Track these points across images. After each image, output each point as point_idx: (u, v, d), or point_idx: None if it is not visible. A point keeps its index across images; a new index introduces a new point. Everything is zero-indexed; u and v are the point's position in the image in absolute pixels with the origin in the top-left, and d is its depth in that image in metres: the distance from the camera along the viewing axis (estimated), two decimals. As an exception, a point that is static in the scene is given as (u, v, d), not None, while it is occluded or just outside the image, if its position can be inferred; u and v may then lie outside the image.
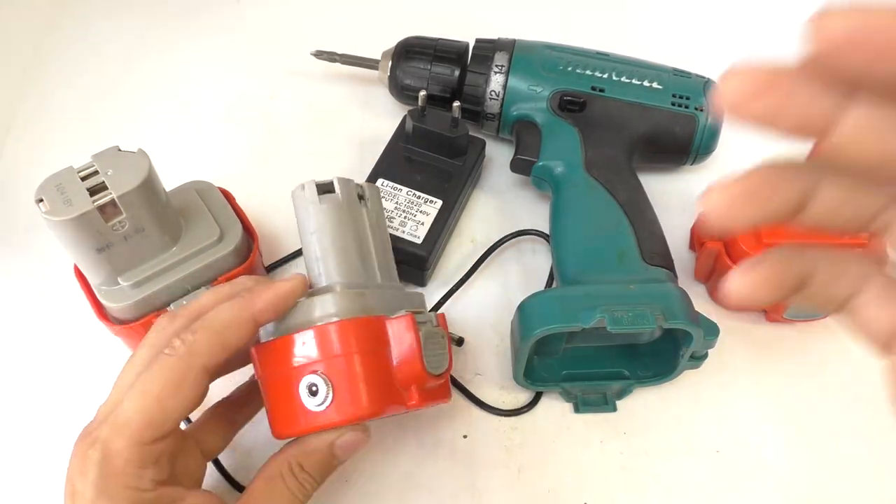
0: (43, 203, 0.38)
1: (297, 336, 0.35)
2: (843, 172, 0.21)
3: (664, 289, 0.43)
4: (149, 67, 0.62)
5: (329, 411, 0.34)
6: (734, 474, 0.45)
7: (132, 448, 0.31)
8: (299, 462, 0.35)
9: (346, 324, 0.35)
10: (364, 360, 0.35)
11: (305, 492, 0.35)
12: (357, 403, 0.35)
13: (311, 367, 0.34)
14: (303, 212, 0.39)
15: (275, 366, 0.36)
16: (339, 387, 0.34)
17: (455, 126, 0.51)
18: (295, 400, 0.35)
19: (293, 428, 0.35)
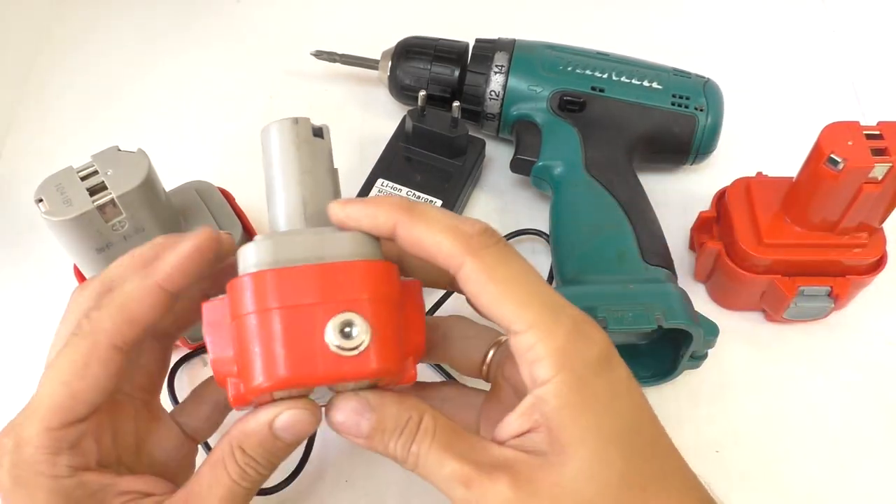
0: (43, 203, 0.38)
1: (328, 266, 0.29)
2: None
3: (664, 289, 0.43)
4: (149, 67, 0.62)
5: (359, 360, 0.29)
6: (734, 474, 0.45)
7: (41, 434, 0.30)
8: (240, 444, 0.31)
9: (384, 265, 0.30)
10: (396, 310, 0.31)
11: (248, 477, 0.31)
12: (389, 359, 0.29)
13: (345, 305, 0.29)
14: (293, 148, 0.33)
15: (290, 296, 0.29)
16: (378, 332, 0.29)
17: (455, 126, 0.51)
18: (315, 341, 0.29)
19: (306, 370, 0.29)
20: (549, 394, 0.29)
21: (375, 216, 0.31)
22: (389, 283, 0.30)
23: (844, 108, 0.61)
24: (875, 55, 0.64)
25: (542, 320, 0.29)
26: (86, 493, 0.31)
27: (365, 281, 0.30)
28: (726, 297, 0.50)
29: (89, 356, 0.30)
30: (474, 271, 0.29)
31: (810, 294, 0.47)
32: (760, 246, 0.46)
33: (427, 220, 0.30)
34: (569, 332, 0.29)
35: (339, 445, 0.45)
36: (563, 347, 0.29)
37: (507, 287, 0.29)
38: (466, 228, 0.30)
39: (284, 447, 0.32)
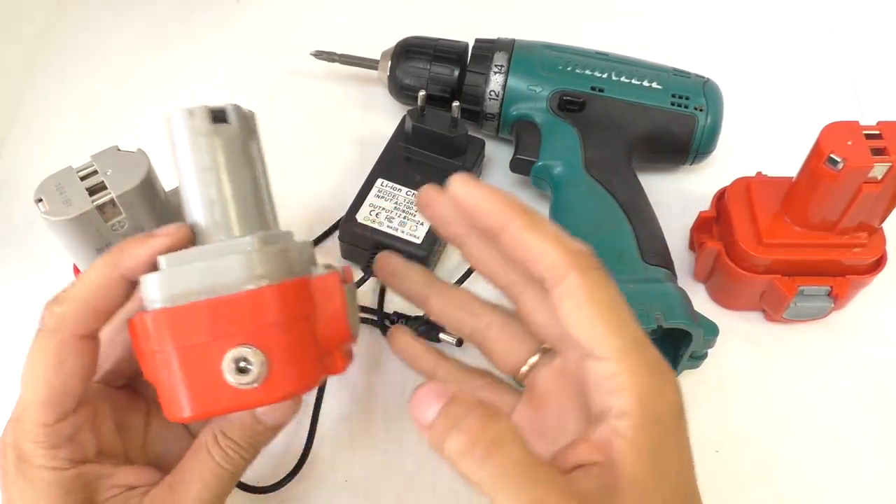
0: (42, 203, 0.38)
1: (218, 301, 0.29)
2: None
3: (664, 288, 0.43)
4: (148, 67, 0.62)
5: (262, 389, 0.29)
6: (734, 474, 0.45)
7: (37, 430, 0.31)
8: (222, 429, 0.33)
9: (282, 288, 0.29)
10: (300, 327, 0.30)
11: (231, 460, 0.32)
12: (294, 379, 0.29)
13: (238, 338, 0.29)
14: (189, 144, 0.31)
15: (184, 336, 0.29)
16: (275, 362, 0.29)
17: (454, 126, 0.51)
18: (214, 377, 0.28)
19: (211, 408, 0.29)
20: (626, 428, 0.28)
21: (492, 207, 0.30)
22: (284, 304, 0.29)
23: (844, 108, 0.61)
24: (875, 55, 0.64)
25: (629, 352, 0.28)
26: (82, 484, 0.32)
27: (256, 311, 0.29)
28: (726, 297, 0.50)
29: (60, 352, 0.31)
30: (576, 287, 0.29)
31: (810, 294, 0.47)
32: (760, 246, 0.46)
33: (541, 227, 0.30)
34: (653, 372, 0.29)
35: (339, 445, 0.45)
36: (646, 384, 0.28)
37: (602, 310, 0.29)
38: (575, 246, 0.30)
39: (265, 431, 0.33)
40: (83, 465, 0.32)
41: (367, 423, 0.46)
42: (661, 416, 0.29)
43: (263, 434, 0.33)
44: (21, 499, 0.32)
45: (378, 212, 0.49)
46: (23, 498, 0.32)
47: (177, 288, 0.29)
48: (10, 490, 0.32)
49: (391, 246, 0.48)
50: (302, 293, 0.31)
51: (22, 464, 0.31)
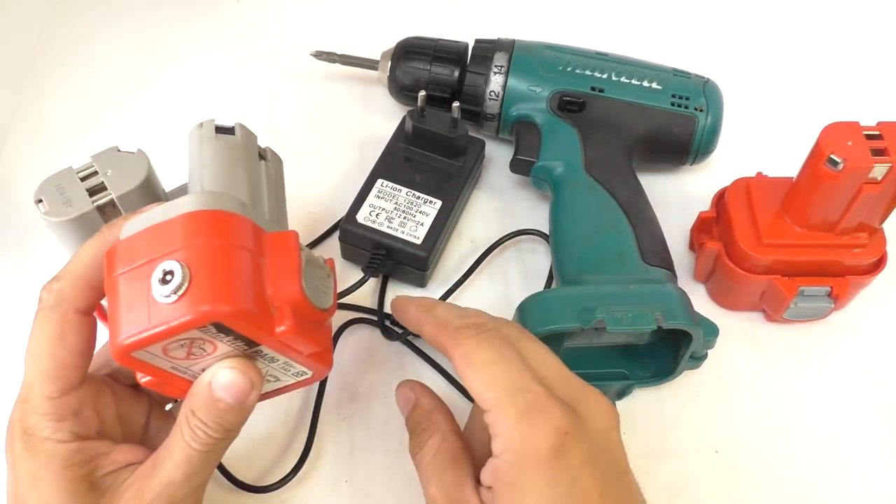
0: (42, 203, 0.38)
1: (157, 226, 0.31)
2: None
3: (664, 289, 0.43)
4: (149, 67, 0.62)
5: (181, 303, 0.29)
6: (734, 474, 0.45)
7: (44, 403, 0.33)
8: (191, 408, 0.32)
9: (217, 213, 0.31)
10: (232, 252, 0.31)
11: (198, 439, 0.32)
12: (215, 294, 0.29)
13: (168, 255, 0.30)
14: (195, 148, 0.36)
15: (128, 260, 0.31)
16: (198, 275, 0.29)
17: (455, 127, 0.51)
18: (146, 295, 0.29)
19: (134, 327, 0.29)
20: (497, 467, 0.33)
21: (408, 316, 0.39)
22: (220, 229, 0.31)
23: (844, 108, 0.61)
24: (875, 55, 0.64)
25: (501, 401, 0.33)
26: (84, 458, 0.33)
27: (186, 230, 0.30)
28: (726, 298, 0.50)
29: (62, 326, 0.33)
30: (455, 358, 0.35)
31: (810, 294, 0.47)
32: (760, 246, 0.46)
33: (432, 317, 0.37)
34: (520, 416, 0.32)
35: (340, 445, 0.45)
36: (511, 429, 0.32)
37: (477, 369, 0.34)
38: (456, 322, 0.36)
39: (228, 409, 0.32)
40: (86, 441, 0.33)
41: (367, 423, 0.46)
42: (525, 457, 0.32)
43: (227, 413, 0.32)
44: (25, 472, 0.33)
45: (378, 212, 0.49)
46: (26, 471, 0.33)
47: (136, 227, 0.31)
48: (15, 466, 0.33)
49: (391, 246, 0.48)
50: (242, 227, 0.32)
51: (27, 437, 0.33)
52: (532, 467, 0.32)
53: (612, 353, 0.47)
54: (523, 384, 0.33)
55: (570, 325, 0.41)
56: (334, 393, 0.46)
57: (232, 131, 0.37)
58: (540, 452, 0.32)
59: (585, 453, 0.32)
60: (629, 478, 0.34)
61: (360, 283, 0.48)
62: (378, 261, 0.48)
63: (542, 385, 0.33)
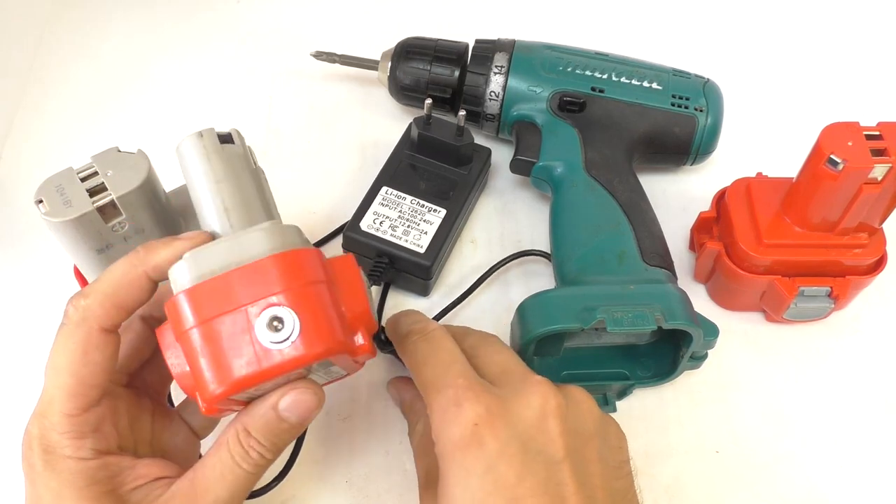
0: (42, 204, 0.38)
1: (243, 270, 0.31)
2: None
3: (664, 289, 0.43)
4: (148, 68, 0.62)
5: (295, 346, 0.30)
6: (734, 474, 0.45)
7: (64, 421, 0.32)
8: (245, 427, 0.33)
9: (298, 253, 0.32)
10: (321, 290, 0.32)
11: (250, 460, 0.33)
12: (322, 335, 0.31)
13: (272, 300, 0.30)
14: (203, 161, 0.35)
15: (214, 307, 0.31)
16: (306, 317, 0.30)
17: (460, 135, 0.51)
18: (248, 340, 0.30)
19: (245, 373, 0.30)
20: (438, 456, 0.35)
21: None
22: (308, 268, 0.32)
23: (844, 108, 0.61)
24: (875, 55, 0.64)
25: (429, 398, 0.36)
26: (108, 475, 0.33)
27: (282, 272, 0.31)
28: (726, 298, 0.50)
29: (86, 343, 0.32)
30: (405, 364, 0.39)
31: (810, 294, 0.47)
32: (760, 246, 0.46)
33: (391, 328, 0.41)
34: (443, 410, 0.35)
35: (340, 446, 0.45)
36: (436, 423, 0.35)
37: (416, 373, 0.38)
38: (404, 329, 0.39)
39: (289, 429, 0.33)
40: (107, 456, 0.33)
41: (367, 423, 0.46)
42: (447, 448, 0.34)
43: (287, 432, 0.33)
44: (47, 490, 0.32)
45: (382, 220, 0.49)
46: (49, 489, 0.32)
47: (203, 269, 0.31)
48: (35, 483, 0.33)
49: (395, 255, 0.48)
50: (317, 262, 0.33)
51: (48, 455, 0.32)
52: (450, 456, 0.34)
53: (613, 353, 0.47)
54: (448, 380, 0.35)
55: (571, 325, 0.41)
56: (335, 394, 0.46)
57: (231, 139, 0.36)
58: (454, 443, 0.34)
59: (502, 442, 0.33)
60: (565, 465, 0.34)
61: None
62: (381, 269, 0.48)
63: (467, 378, 0.35)
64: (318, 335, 0.31)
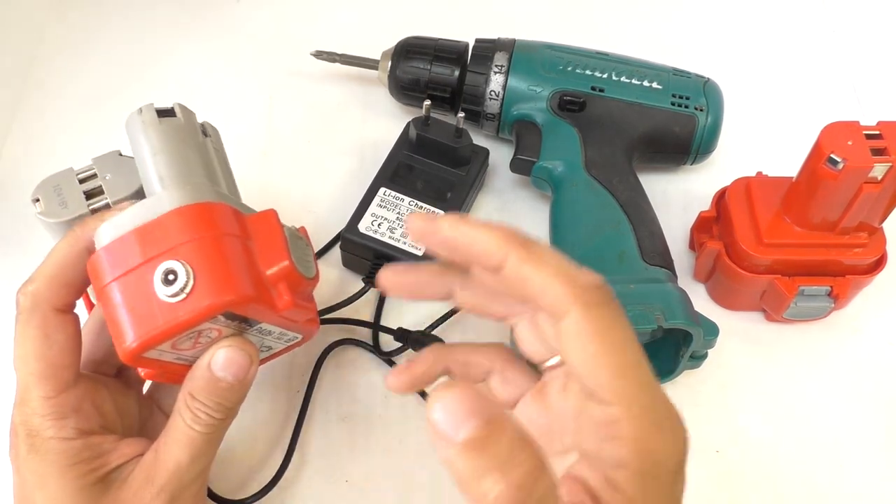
0: (39, 203, 0.38)
1: (145, 227, 0.31)
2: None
3: (664, 289, 0.43)
4: (148, 67, 0.62)
5: (190, 300, 0.30)
6: (734, 474, 0.45)
7: (43, 404, 0.33)
8: (189, 391, 0.33)
9: (203, 206, 0.32)
10: (225, 242, 0.32)
11: (201, 421, 0.33)
12: (220, 286, 0.31)
13: (166, 255, 0.31)
14: (141, 136, 0.35)
15: (120, 264, 0.31)
16: (200, 271, 0.30)
17: (459, 136, 0.51)
18: (150, 296, 0.30)
19: (145, 327, 0.30)
20: (624, 481, 0.27)
21: (488, 242, 0.29)
22: (210, 221, 0.32)
23: (844, 108, 0.61)
24: (875, 55, 0.64)
25: (633, 399, 0.27)
26: (92, 454, 0.33)
27: (179, 227, 0.31)
28: (726, 297, 0.50)
29: (44, 326, 0.33)
30: (579, 323, 0.27)
31: (810, 294, 0.47)
32: (760, 246, 0.46)
33: (542, 259, 0.28)
34: (658, 423, 0.27)
35: (340, 446, 0.45)
36: (649, 436, 0.27)
37: (608, 351, 0.27)
38: (582, 279, 0.28)
39: (229, 387, 0.33)
40: (90, 437, 0.34)
41: (367, 423, 0.46)
42: (661, 472, 0.27)
43: (227, 391, 0.33)
44: (32, 473, 0.33)
45: (380, 222, 0.49)
46: (34, 472, 0.33)
47: (117, 229, 0.32)
48: (21, 469, 0.33)
49: (393, 257, 0.47)
50: (226, 215, 0.33)
51: (32, 439, 0.33)
52: (668, 483, 0.27)
53: (613, 352, 0.47)
54: (654, 382, 0.28)
55: (570, 325, 0.41)
56: (334, 393, 0.46)
57: (173, 113, 0.36)
58: (673, 466, 0.27)
59: (685, 482, 0.29)
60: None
61: (360, 293, 0.47)
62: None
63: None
64: (215, 287, 0.31)
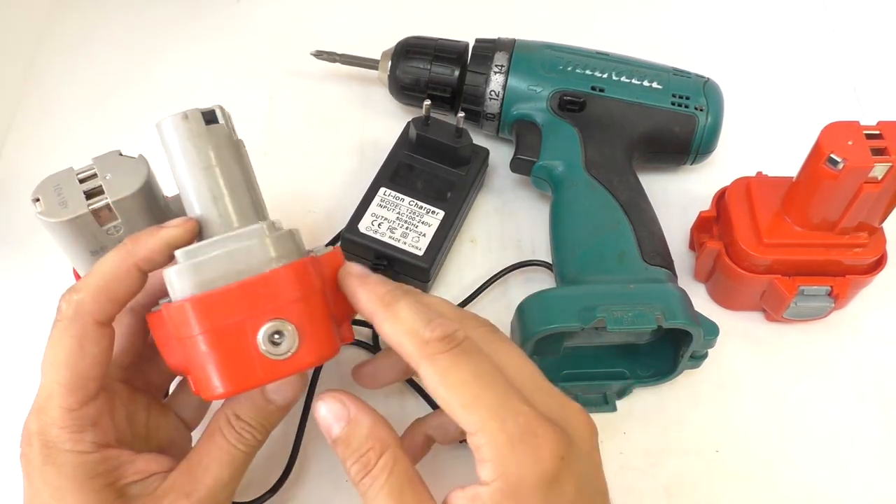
0: (39, 203, 0.38)
1: (247, 283, 0.31)
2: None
3: (664, 289, 0.43)
4: (148, 68, 0.62)
5: (297, 357, 0.32)
6: (734, 474, 0.45)
7: (63, 416, 0.32)
8: (235, 412, 0.34)
9: (301, 265, 0.33)
10: (318, 300, 0.33)
11: (245, 441, 0.34)
12: (320, 347, 0.32)
13: (269, 314, 0.31)
14: (190, 145, 0.34)
15: (219, 318, 0.31)
16: (305, 331, 0.32)
17: (459, 136, 0.51)
18: (249, 352, 0.31)
19: (249, 381, 0.32)
20: (483, 495, 0.30)
21: (360, 300, 0.34)
22: (306, 279, 0.33)
23: (844, 108, 0.61)
24: (875, 55, 0.64)
25: (487, 425, 0.30)
26: (108, 468, 0.33)
27: (283, 286, 0.32)
28: (726, 297, 0.50)
29: (82, 337, 0.33)
30: (427, 376, 0.32)
31: (810, 294, 0.47)
32: (760, 246, 0.46)
33: (395, 320, 0.33)
34: (512, 441, 0.30)
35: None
36: (503, 455, 0.30)
37: (456, 391, 0.31)
38: (426, 333, 0.32)
39: (276, 410, 0.35)
40: (107, 450, 0.34)
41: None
42: (521, 487, 0.30)
43: (274, 413, 0.35)
44: (46, 485, 0.32)
45: (381, 222, 0.49)
46: (47, 484, 0.32)
47: (205, 275, 0.32)
48: (33, 479, 0.33)
49: (393, 257, 0.47)
50: (314, 269, 0.34)
51: (48, 449, 0.32)
52: (525, 498, 0.30)
53: (613, 352, 0.47)
54: (511, 405, 0.31)
55: (571, 324, 0.41)
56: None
57: (216, 118, 0.35)
58: (535, 481, 0.30)
59: (577, 479, 0.31)
60: (608, 499, 0.34)
61: None
62: (379, 271, 0.47)
63: (528, 403, 0.31)
64: (316, 346, 0.32)
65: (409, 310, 0.33)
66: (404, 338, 0.32)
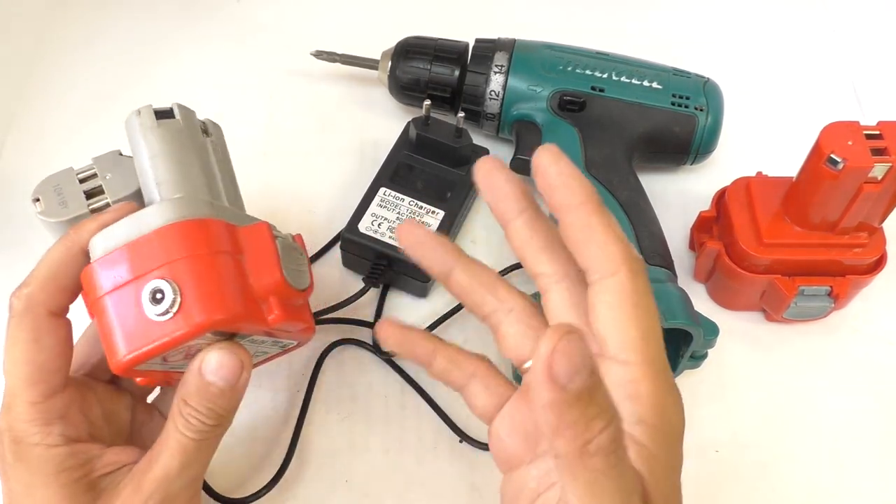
0: (38, 203, 0.38)
1: (136, 242, 0.32)
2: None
3: (664, 289, 0.43)
4: (149, 68, 0.62)
5: (176, 319, 0.31)
6: (734, 474, 0.45)
7: (28, 410, 0.32)
8: (182, 397, 0.33)
9: (193, 223, 0.32)
10: (214, 260, 0.32)
11: (193, 427, 0.33)
12: (208, 305, 0.31)
13: (154, 273, 0.31)
14: (140, 138, 0.35)
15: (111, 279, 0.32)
16: (187, 290, 0.31)
17: (459, 136, 0.51)
18: (140, 313, 0.31)
19: (133, 344, 0.31)
20: (639, 435, 0.28)
21: (578, 184, 0.30)
22: (199, 239, 0.32)
23: (844, 108, 0.61)
24: (875, 55, 0.64)
25: (653, 363, 0.28)
26: (78, 462, 0.33)
27: (169, 245, 0.32)
28: (726, 297, 0.50)
29: (36, 330, 0.33)
30: (623, 284, 0.29)
31: (810, 294, 0.47)
32: (760, 246, 0.46)
33: (609, 220, 0.30)
34: (667, 389, 0.29)
35: (339, 445, 0.45)
36: (665, 398, 0.28)
37: (641, 315, 0.29)
38: (633, 250, 0.30)
39: (220, 393, 0.33)
40: (76, 444, 0.33)
41: (367, 423, 0.46)
42: (673, 431, 0.29)
43: (219, 396, 0.33)
44: (18, 481, 0.32)
45: (381, 222, 0.49)
46: (19, 480, 0.32)
47: (109, 242, 0.32)
48: (7, 475, 0.33)
49: (393, 257, 0.47)
50: (218, 232, 0.33)
51: (17, 445, 0.32)
52: (669, 441, 0.29)
53: (613, 352, 0.47)
54: (665, 353, 0.30)
55: (570, 324, 0.41)
56: (334, 391, 0.46)
57: (172, 114, 0.37)
58: (677, 430, 0.30)
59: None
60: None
61: (360, 293, 0.47)
62: (379, 271, 0.48)
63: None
64: (203, 306, 0.31)
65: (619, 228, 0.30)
66: (614, 240, 0.29)
